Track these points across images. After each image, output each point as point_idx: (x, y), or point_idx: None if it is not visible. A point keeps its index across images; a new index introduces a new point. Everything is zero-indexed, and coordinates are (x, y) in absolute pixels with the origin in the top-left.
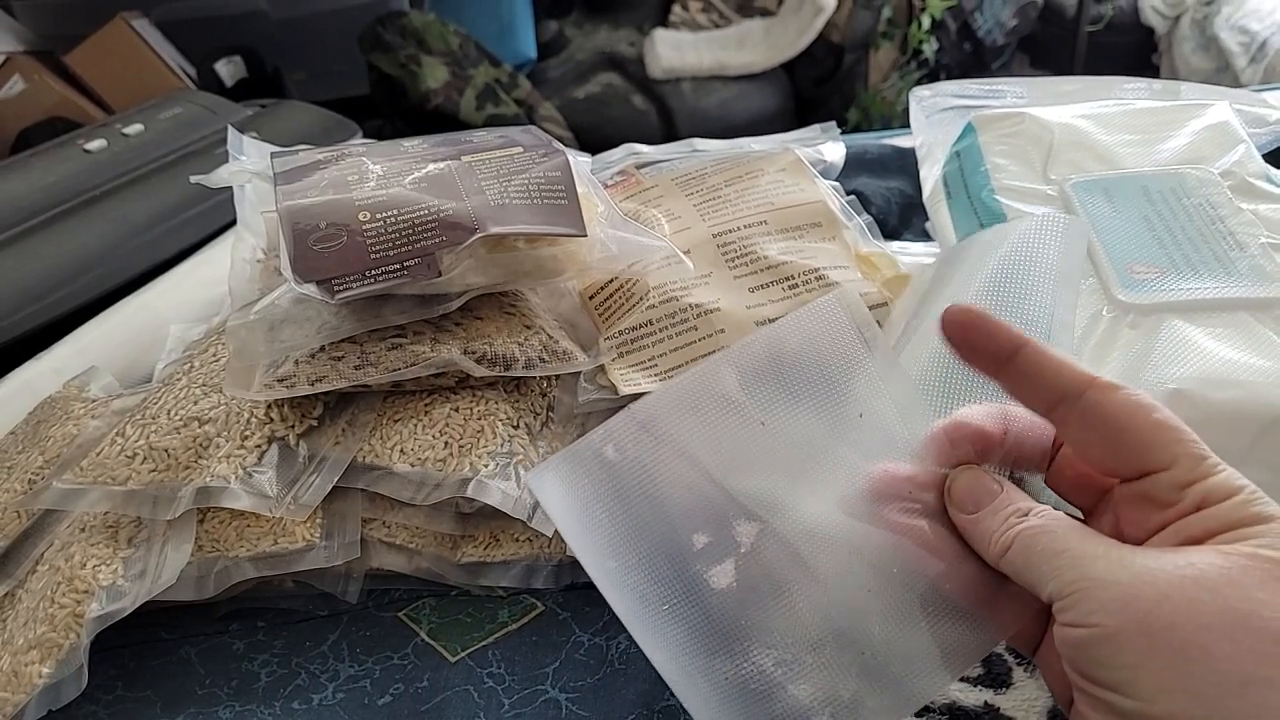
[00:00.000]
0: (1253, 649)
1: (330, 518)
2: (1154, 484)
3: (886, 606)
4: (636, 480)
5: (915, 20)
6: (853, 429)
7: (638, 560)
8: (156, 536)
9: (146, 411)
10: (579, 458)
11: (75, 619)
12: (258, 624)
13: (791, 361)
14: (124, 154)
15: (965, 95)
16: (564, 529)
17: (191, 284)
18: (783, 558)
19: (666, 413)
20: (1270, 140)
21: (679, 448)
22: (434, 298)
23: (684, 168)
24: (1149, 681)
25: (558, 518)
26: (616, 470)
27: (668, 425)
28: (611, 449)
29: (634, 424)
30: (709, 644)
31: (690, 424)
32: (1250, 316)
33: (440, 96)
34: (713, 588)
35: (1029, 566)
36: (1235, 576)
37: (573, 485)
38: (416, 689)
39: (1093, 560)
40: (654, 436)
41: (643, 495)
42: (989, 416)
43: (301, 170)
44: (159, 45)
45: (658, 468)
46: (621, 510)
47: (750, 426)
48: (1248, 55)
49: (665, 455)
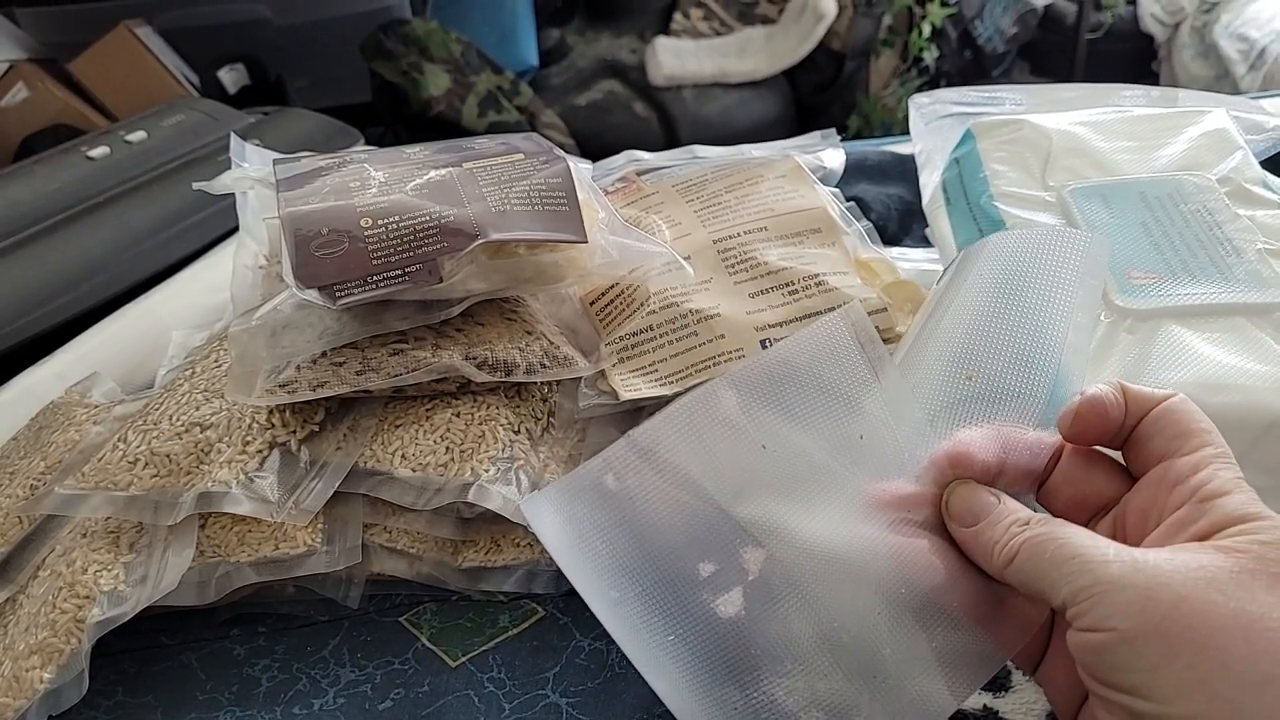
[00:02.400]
0: (1267, 650)
1: (332, 523)
2: (1171, 466)
3: (895, 631)
4: (637, 509)
5: (916, 28)
6: (853, 450)
7: (640, 590)
8: (158, 542)
9: (148, 417)
10: (576, 487)
11: (76, 624)
12: (259, 629)
13: (793, 382)
14: (127, 161)
15: (964, 102)
16: (561, 559)
17: (194, 290)
18: (790, 585)
19: (666, 439)
20: (1268, 147)
21: (680, 474)
22: (435, 303)
23: (685, 174)
24: (1168, 683)
25: (553, 548)
26: (616, 500)
27: (668, 452)
28: (611, 478)
29: (633, 452)
30: (717, 674)
31: (690, 449)
32: (1247, 321)
33: (442, 104)
34: (720, 617)
35: (1038, 574)
36: (1244, 579)
37: (569, 515)
38: (417, 694)
39: (1105, 564)
40: (654, 464)
41: (644, 524)
42: (987, 441)
43: (304, 177)
44: (162, 53)
45: (659, 496)
46: (623, 540)
47: (751, 450)
48: (1247, 63)
49: (666, 483)
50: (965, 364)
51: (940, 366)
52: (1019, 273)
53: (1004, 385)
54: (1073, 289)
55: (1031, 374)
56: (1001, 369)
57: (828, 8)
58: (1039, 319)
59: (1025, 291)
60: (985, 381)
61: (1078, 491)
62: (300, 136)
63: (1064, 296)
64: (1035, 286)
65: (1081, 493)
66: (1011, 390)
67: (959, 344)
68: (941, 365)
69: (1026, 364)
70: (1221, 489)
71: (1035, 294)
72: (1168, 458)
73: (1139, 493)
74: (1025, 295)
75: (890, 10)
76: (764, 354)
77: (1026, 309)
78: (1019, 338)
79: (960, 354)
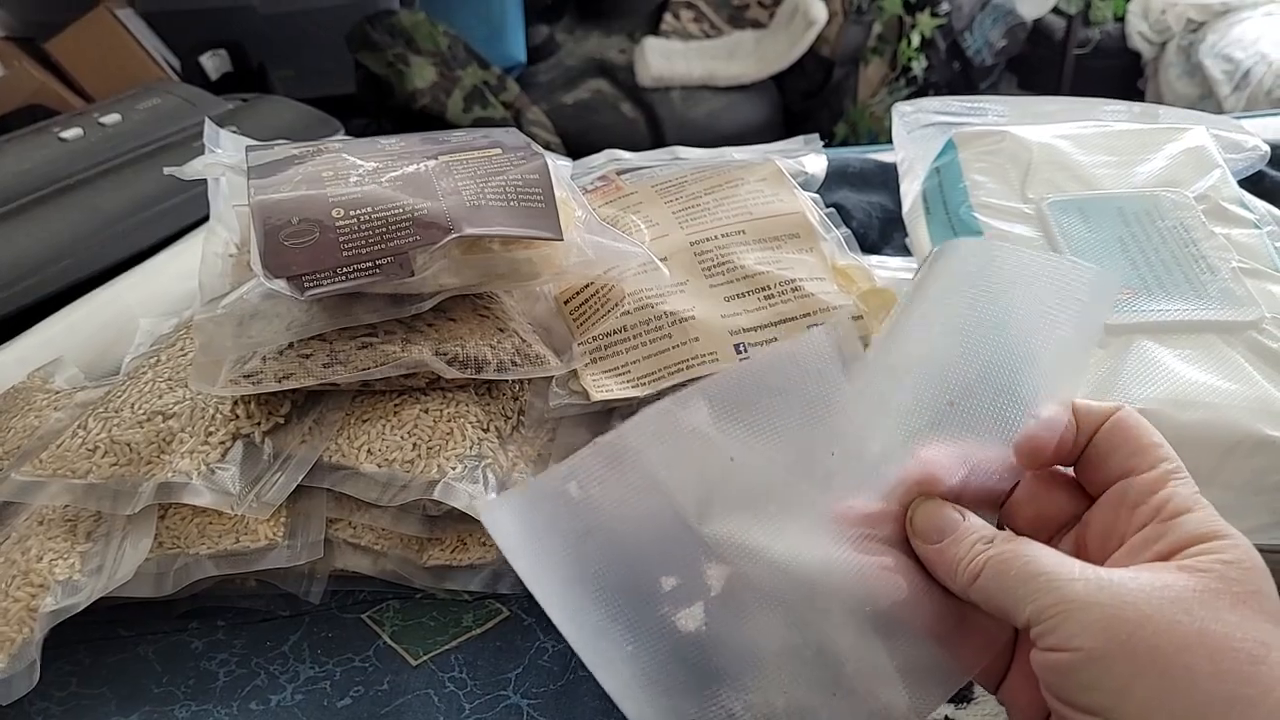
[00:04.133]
0: (1232, 670)
1: (294, 517)
2: (1130, 485)
3: (857, 646)
4: (600, 519)
5: (905, 37)
6: (823, 466)
7: (600, 600)
8: (116, 531)
9: (110, 405)
10: (538, 494)
11: (29, 613)
12: (218, 623)
13: (769, 394)
14: (100, 144)
15: (947, 112)
16: (519, 566)
17: (163, 277)
18: (753, 602)
19: (633, 446)
20: (1246, 166)
21: (646, 484)
22: (406, 297)
23: (664, 175)
24: (1134, 704)
25: (511, 552)
26: (579, 508)
27: (634, 459)
28: (575, 486)
29: (600, 460)
30: (675, 685)
31: (658, 458)
32: (1219, 339)
33: (427, 97)
34: (680, 631)
35: (1003, 591)
36: (1207, 599)
37: (529, 522)
38: (377, 691)
39: (1070, 582)
40: (619, 472)
41: (607, 534)
42: (951, 459)
43: (276, 165)
44: (142, 35)
45: (624, 507)
46: (584, 549)
47: (719, 461)
48: (1231, 83)
49: (631, 493)
50: (949, 389)
51: (924, 385)
52: (1025, 303)
53: (986, 416)
54: (1076, 328)
55: (1016, 410)
56: (988, 402)
57: (818, 13)
58: (1037, 360)
59: (1028, 326)
60: (968, 411)
61: (1040, 510)
62: (278, 125)
63: (1067, 336)
64: (1039, 322)
65: (1043, 511)
66: (992, 422)
67: (946, 365)
68: (926, 384)
69: (1013, 399)
70: (1181, 507)
71: (1038, 331)
72: (1125, 476)
73: (1099, 512)
74: (1027, 331)
75: (880, 19)
76: (741, 365)
77: (1026, 347)
78: (1013, 374)
79: (945, 376)
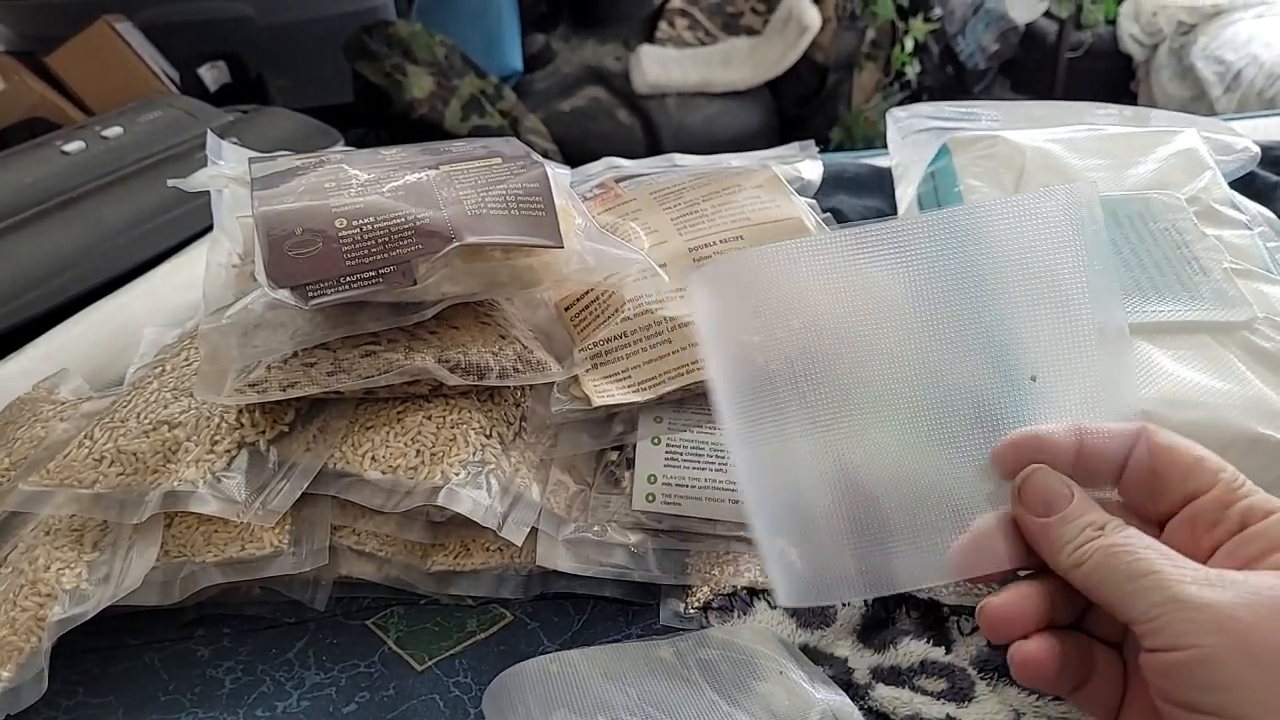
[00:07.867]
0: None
1: (299, 524)
2: (1199, 506)
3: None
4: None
5: (899, 42)
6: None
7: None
8: (122, 541)
9: (116, 415)
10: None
11: (37, 623)
12: (224, 630)
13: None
14: (102, 156)
15: (941, 117)
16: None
17: (167, 288)
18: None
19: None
20: (1237, 168)
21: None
22: (409, 306)
23: (662, 182)
24: (1252, 701)
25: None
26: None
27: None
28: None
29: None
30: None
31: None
32: (1212, 339)
33: (425, 106)
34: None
35: (1110, 585)
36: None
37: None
38: (382, 697)
39: (1181, 583)
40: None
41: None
42: (1062, 430)
43: (279, 176)
44: (142, 48)
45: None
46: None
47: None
48: (1223, 85)
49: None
50: (1020, 361)
51: (986, 360)
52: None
53: (1068, 385)
54: (1076, 254)
55: (1092, 370)
56: (1066, 369)
57: (812, 19)
58: (1057, 298)
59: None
60: (1050, 382)
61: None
62: (279, 136)
63: (1073, 263)
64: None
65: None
66: (1075, 389)
67: (1004, 337)
68: (987, 360)
69: (1084, 359)
70: (1260, 511)
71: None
72: (1188, 500)
73: (1171, 539)
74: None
75: (873, 24)
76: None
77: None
78: (1073, 331)
79: (1005, 350)
